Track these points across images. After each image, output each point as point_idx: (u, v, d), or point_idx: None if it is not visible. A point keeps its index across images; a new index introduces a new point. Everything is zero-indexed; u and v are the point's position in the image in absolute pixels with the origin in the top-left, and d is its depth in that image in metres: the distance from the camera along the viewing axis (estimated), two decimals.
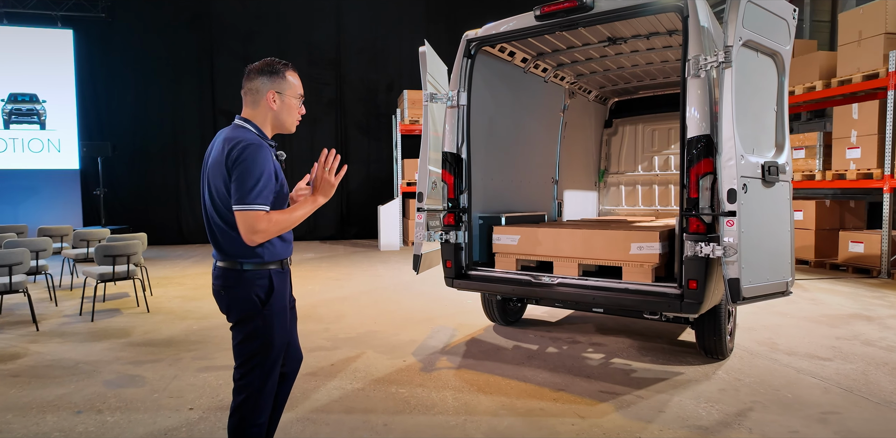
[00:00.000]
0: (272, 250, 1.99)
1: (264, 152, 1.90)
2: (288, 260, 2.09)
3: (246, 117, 2.04)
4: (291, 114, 2.09)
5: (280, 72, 2.03)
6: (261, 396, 2.00)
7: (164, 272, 8.08)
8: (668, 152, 6.39)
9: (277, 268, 2.02)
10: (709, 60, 2.99)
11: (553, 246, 3.86)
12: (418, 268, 4.01)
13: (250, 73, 2.03)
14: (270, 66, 2.02)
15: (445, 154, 4.10)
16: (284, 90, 2.04)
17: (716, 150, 3.02)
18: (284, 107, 2.05)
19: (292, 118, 2.10)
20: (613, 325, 4.79)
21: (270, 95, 2.02)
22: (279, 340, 2.02)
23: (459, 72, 4.05)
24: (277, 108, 2.04)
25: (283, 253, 2.03)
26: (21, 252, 4.74)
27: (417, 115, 10.94)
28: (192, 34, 11.62)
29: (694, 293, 3.09)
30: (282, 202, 2.02)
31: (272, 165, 1.93)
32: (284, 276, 2.06)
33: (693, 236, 3.07)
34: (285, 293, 2.05)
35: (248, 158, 1.86)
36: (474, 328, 4.74)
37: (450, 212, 4.09)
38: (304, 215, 1.98)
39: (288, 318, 2.07)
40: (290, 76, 2.06)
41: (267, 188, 1.89)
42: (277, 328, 2.01)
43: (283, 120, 2.08)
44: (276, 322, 2.00)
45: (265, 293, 1.98)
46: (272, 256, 2.00)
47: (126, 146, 11.30)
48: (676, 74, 5.67)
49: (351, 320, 5.11)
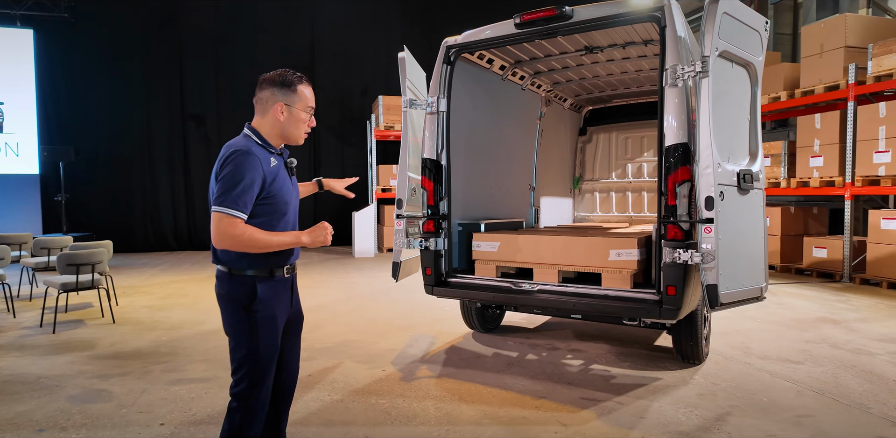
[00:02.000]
0: (253, 257, 1.96)
1: (252, 160, 1.89)
2: (283, 270, 2.04)
3: (254, 126, 2.06)
4: (299, 127, 2.08)
5: (292, 84, 2.02)
6: (248, 406, 1.98)
7: (130, 281, 7.81)
8: (641, 160, 6.50)
9: (264, 276, 1.99)
10: (686, 70, 3.04)
11: (533, 253, 3.86)
12: (397, 276, 3.96)
13: (262, 82, 2.04)
14: (282, 77, 2.02)
15: (425, 161, 4.07)
16: (294, 103, 2.04)
17: (693, 158, 3.07)
18: (292, 119, 2.05)
19: (300, 131, 2.09)
20: (591, 331, 4.82)
21: (279, 106, 2.02)
22: (266, 349, 1.98)
23: (439, 78, 4.04)
24: (285, 119, 2.04)
25: (268, 262, 1.99)
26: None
27: (392, 120, 10.90)
28: (161, 36, 11.35)
29: (672, 299, 3.12)
30: (275, 210, 1.99)
31: (260, 173, 1.91)
32: (276, 285, 2.01)
33: (671, 242, 3.11)
34: (275, 303, 2.01)
35: (234, 163, 1.87)
36: (453, 335, 4.71)
37: (429, 219, 4.06)
38: (281, 244, 1.94)
39: (278, 328, 2.03)
40: (302, 89, 2.05)
41: (247, 195, 1.88)
42: (263, 338, 1.97)
43: (289, 132, 2.07)
44: (262, 331, 1.97)
45: (248, 299, 1.96)
46: (253, 263, 1.97)
47: (89, 151, 10.92)
48: (650, 83, 5.79)
49: (327, 329, 5.01)
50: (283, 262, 2.03)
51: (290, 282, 2.11)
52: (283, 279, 2.04)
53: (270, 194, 1.96)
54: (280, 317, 2.03)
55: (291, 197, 2.09)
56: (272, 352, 2.00)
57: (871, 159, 6.73)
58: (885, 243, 6.68)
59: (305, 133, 2.12)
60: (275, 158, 2.03)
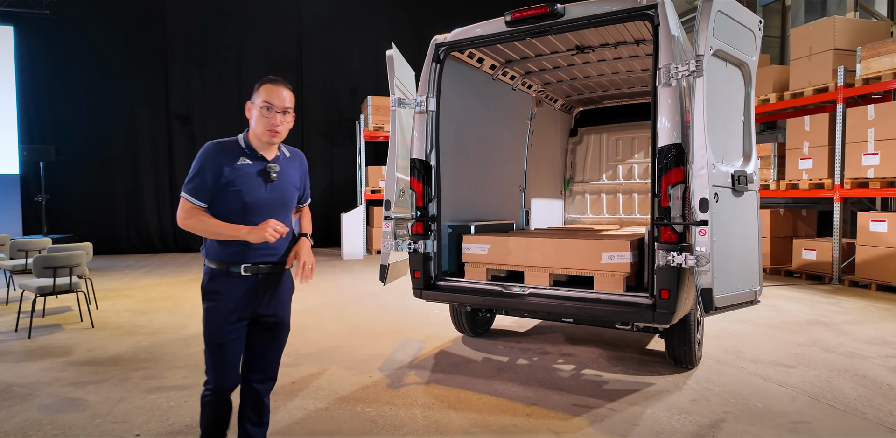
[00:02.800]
0: (211, 249, 2.13)
1: (210, 152, 2.09)
2: (241, 268, 2.10)
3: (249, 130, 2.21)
4: (260, 123, 2.13)
5: (259, 84, 2.16)
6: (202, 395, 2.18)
7: (112, 284, 7.63)
8: (631, 161, 6.45)
9: (219, 268, 2.11)
10: (680, 69, 2.98)
11: (524, 255, 3.78)
12: (385, 279, 3.86)
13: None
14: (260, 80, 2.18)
15: (414, 161, 3.98)
16: (255, 100, 2.14)
17: (687, 159, 3.01)
18: (255, 116, 2.14)
19: (261, 128, 2.13)
20: (583, 334, 4.75)
21: (247, 105, 2.19)
22: (211, 337, 2.11)
23: (428, 77, 3.95)
24: (251, 117, 2.16)
25: (223, 256, 2.10)
26: None
27: (382, 121, 10.79)
28: (145, 34, 11.15)
29: (666, 303, 3.06)
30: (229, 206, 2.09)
31: (216, 166, 2.06)
32: (230, 280, 2.11)
33: (665, 245, 3.04)
34: (225, 297, 2.10)
35: (197, 154, 2.11)
36: (442, 339, 4.61)
37: (418, 221, 3.96)
38: (221, 233, 2.05)
39: (224, 322, 2.10)
40: (267, 86, 2.13)
41: (196, 181, 2.05)
42: (206, 326, 2.13)
43: (256, 129, 2.15)
44: (206, 320, 2.13)
45: (203, 287, 2.15)
46: (211, 255, 2.13)
47: (71, 151, 10.69)
48: (641, 84, 5.75)
49: (313, 333, 4.90)
50: (240, 259, 2.10)
51: (254, 282, 2.13)
52: (239, 275, 2.11)
53: (226, 190, 2.07)
54: (229, 312, 2.09)
55: (256, 200, 2.11)
56: (215, 343, 2.10)
57: (859, 162, 6.74)
58: (874, 245, 6.69)
59: (273, 131, 2.12)
60: (247, 159, 2.13)
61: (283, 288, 2.24)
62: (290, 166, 2.25)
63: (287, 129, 2.17)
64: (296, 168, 2.29)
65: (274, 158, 2.19)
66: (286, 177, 2.21)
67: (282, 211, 2.19)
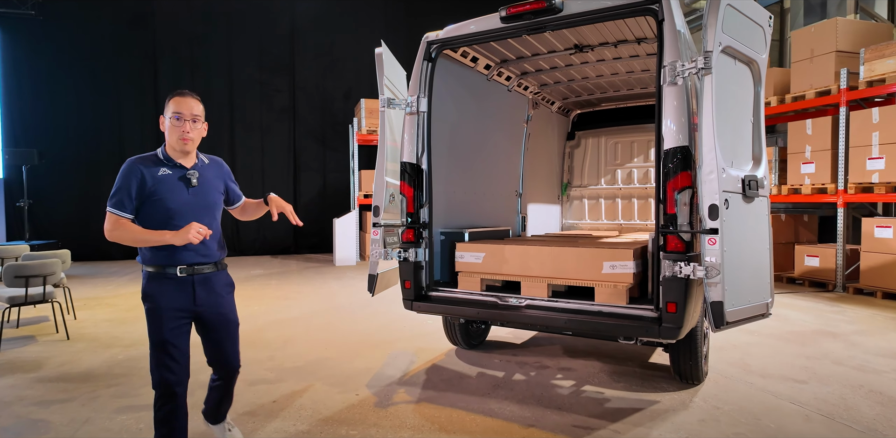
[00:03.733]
0: (145, 254, 2.28)
1: (130, 168, 2.24)
2: (176, 270, 2.27)
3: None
4: (172, 132, 2.28)
5: (169, 98, 2.30)
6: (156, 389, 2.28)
7: (93, 292, 7.37)
8: (631, 166, 6.27)
9: (154, 271, 2.27)
10: (686, 67, 2.79)
11: (520, 264, 3.57)
12: (374, 289, 3.65)
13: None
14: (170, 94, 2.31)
15: (404, 165, 3.77)
16: (166, 113, 2.29)
17: (694, 162, 2.82)
18: (168, 128, 2.29)
19: (174, 137, 2.28)
20: (582, 347, 4.53)
21: (161, 119, 2.33)
22: (153, 336, 2.24)
23: (419, 76, 3.75)
24: (165, 130, 2.31)
25: (156, 260, 2.26)
26: None
27: (375, 124, 10.58)
28: (134, 35, 10.92)
29: (673, 316, 2.85)
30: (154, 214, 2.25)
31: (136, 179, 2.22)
32: (165, 282, 2.26)
33: (671, 255, 2.84)
34: (161, 298, 2.25)
35: (120, 170, 2.24)
36: (435, 352, 4.39)
37: (409, 227, 3.75)
38: (147, 240, 2.19)
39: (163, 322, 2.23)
40: (174, 99, 2.28)
41: (119, 195, 2.21)
42: (149, 326, 2.25)
43: (169, 139, 2.31)
44: (149, 320, 2.26)
45: (143, 291, 2.30)
46: (146, 260, 2.29)
47: (57, 154, 10.44)
48: (640, 85, 5.57)
49: (299, 345, 4.67)
50: (174, 261, 2.26)
51: (190, 282, 2.30)
52: (175, 276, 2.27)
53: (150, 199, 2.23)
54: (168, 312, 2.24)
55: (179, 205, 2.27)
56: (158, 341, 2.23)
57: (864, 166, 6.58)
58: (880, 251, 6.51)
59: (185, 139, 2.27)
60: (167, 169, 2.29)
61: (219, 286, 2.40)
62: (210, 172, 2.43)
63: (199, 136, 2.34)
64: (217, 173, 2.47)
65: (193, 165, 2.37)
66: (207, 182, 2.39)
67: (206, 213, 2.35)
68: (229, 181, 2.56)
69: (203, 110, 2.34)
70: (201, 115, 2.33)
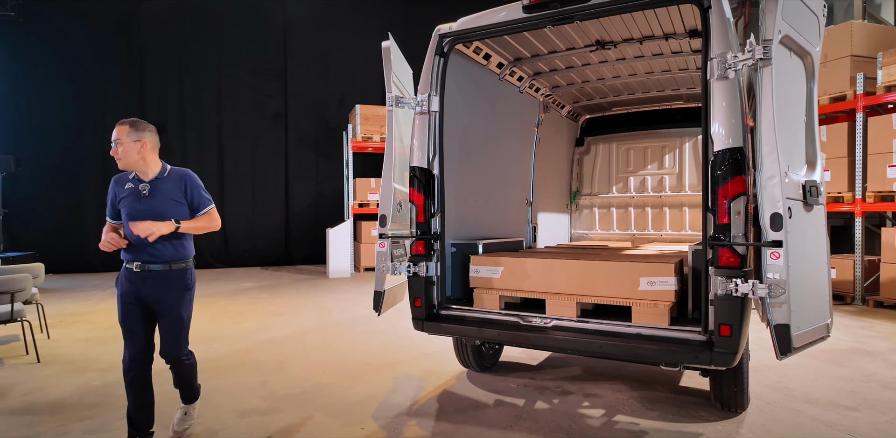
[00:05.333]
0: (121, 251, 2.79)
1: (110, 184, 2.85)
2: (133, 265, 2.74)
3: None
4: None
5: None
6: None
7: (71, 307, 6.89)
8: (644, 173, 5.96)
9: (124, 266, 2.78)
10: (740, 58, 2.47)
11: (544, 280, 3.21)
12: (380, 308, 3.27)
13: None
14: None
15: (413, 169, 3.41)
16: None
17: (749, 166, 2.49)
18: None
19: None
20: (603, 367, 4.17)
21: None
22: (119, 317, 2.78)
23: (431, 72, 3.41)
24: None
25: (123, 257, 2.78)
26: None
27: (371, 131, 10.25)
28: (119, 38, 10.51)
29: (727, 341, 2.50)
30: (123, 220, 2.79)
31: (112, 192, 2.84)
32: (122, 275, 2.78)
33: (724, 270, 2.50)
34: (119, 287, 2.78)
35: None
36: (444, 375, 4.00)
37: (419, 239, 3.39)
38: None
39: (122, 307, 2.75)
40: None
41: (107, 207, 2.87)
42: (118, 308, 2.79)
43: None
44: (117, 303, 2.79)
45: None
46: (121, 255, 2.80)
47: (37, 162, 9.96)
48: (657, 88, 5.28)
49: (295, 368, 4.25)
50: (130, 259, 2.75)
51: (142, 277, 2.73)
52: (129, 271, 2.75)
53: (119, 207, 2.79)
54: (124, 299, 2.74)
55: (132, 212, 2.73)
56: (120, 321, 2.76)
57: (883, 174, 6.33)
58: None
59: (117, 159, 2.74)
60: (131, 184, 2.79)
61: (167, 283, 2.76)
62: (166, 184, 2.79)
63: (125, 153, 2.72)
64: (174, 185, 2.80)
65: (151, 179, 2.79)
66: (161, 193, 2.77)
67: (156, 220, 2.69)
68: (193, 190, 2.84)
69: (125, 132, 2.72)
70: (121, 137, 2.72)
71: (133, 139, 2.72)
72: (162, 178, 2.79)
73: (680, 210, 5.78)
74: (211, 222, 2.87)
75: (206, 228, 2.86)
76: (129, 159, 2.72)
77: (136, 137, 2.73)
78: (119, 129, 2.72)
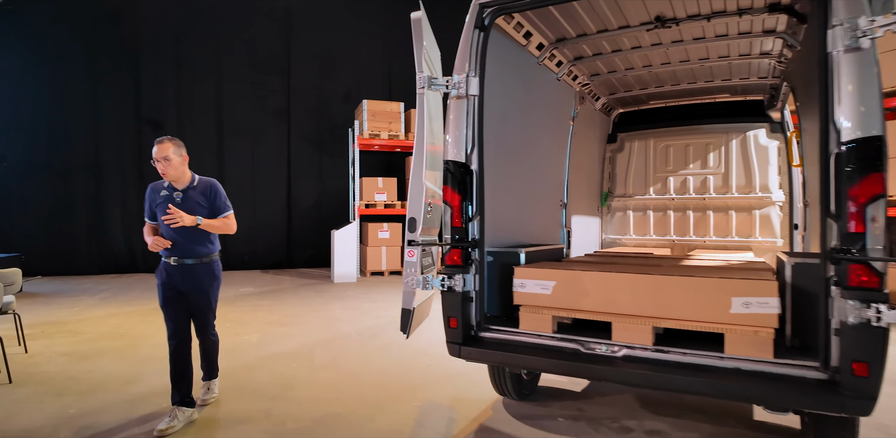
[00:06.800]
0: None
1: (147, 191, 3.34)
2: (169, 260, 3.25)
3: None
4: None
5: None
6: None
7: (57, 314, 6.33)
8: (685, 173, 5.41)
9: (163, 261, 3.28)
10: (882, 23, 1.94)
11: (607, 298, 2.67)
12: (409, 329, 2.73)
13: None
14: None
15: (448, 164, 2.88)
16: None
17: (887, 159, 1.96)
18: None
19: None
20: (657, 395, 3.62)
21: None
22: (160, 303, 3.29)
23: (469, 48, 2.88)
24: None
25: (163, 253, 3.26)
26: None
27: (378, 127, 9.72)
28: (114, 31, 9.96)
29: (864, 383, 1.98)
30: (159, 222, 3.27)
31: (148, 198, 3.32)
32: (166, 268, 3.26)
33: (858, 292, 1.98)
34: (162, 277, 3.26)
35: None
36: (477, 404, 3.45)
37: (454, 247, 2.85)
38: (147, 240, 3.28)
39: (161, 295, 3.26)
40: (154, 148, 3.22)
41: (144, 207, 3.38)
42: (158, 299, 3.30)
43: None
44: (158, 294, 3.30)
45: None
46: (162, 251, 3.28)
47: (22, 158, 9.40)
48: (705, 78, 4.74)
49: (302, 392, 3.71)
50: (164, 254, 3.26)
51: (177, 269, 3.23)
52: (168, 264, 3.25)
53: (155, 211, 3.27)
54: (164, 288, 3.25)
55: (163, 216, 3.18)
56: (162, 308, 3.26)
57: None
58: None
59: (163, 174, 3.19)
60: (166, 191, 3.26)
61: (198, 273, 3.25)
62: (195, 193, 3.26)
63: (172, 168, 3.15)
64: (200, 193, 3.27)
65: (183, 188, 3.25)
66: (190, 200, 3.23)
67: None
68: (214, 198, 3.32)
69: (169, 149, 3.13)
70: (167, 154, 3.12)
71: (178, 155, 3.18)
72: (192, 187, 3.28)
73: (725, 214, 5.24)
74: (227, 225, 3.35)
75: (223, 229, 3.34)
76: (176, 173, 3.18)
77: (179, 154, 3.19)
78: (162, 147, 3.13)
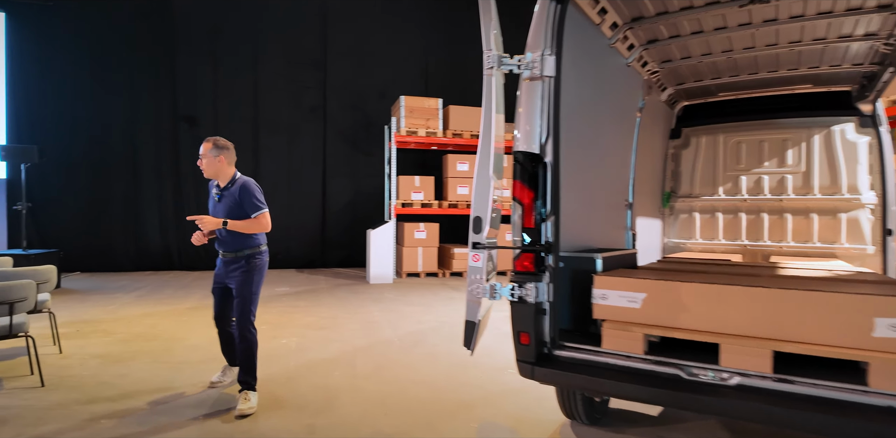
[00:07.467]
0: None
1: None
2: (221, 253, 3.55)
3: None
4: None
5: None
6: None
7: (91, 313, 6.21)
8: (760, 172, 4.92)
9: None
10: None
11: (712, 314, 2.27)
12: (473, 343, 2.39)
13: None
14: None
15: (518, 155, 2.52)
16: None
17: None
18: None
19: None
20: (744, 422, 3.18)
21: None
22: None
23: (545, 23, 2.52)
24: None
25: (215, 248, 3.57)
26: None
27: (416, 124, 9.41)
28: (151, 25, 9.89)
29: None
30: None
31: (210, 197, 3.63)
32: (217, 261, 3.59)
33: None
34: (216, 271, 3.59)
35: None
36: (541, 426, 3.09)
37: (526, 251, 2.49)
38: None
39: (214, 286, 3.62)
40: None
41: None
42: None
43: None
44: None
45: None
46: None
47: (64, 153, 9.41)
48: (789, 66, 4.25)
49: (347, 406, 3.40)
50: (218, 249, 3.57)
51: (221, 262, 3.56)
52: (219, 258, 3.57)
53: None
54: (215, 279, 3.60)
55: (212, 212, 3.58)
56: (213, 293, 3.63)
57: None
58: None
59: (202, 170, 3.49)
60: (215, 189, 3.56)
61: (235, 266, 3.47)
62: (232, 191, 3.48)
63: (208, 165, 3.45)
64: (238, 192, 3.46)
65: (224, 186, 3.51)
66: (228, 198, 3.49)
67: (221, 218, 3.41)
68: (245, 198, 3.43)
69: (208, 148, 3.44)
70: (205, 152, 3.43)
71: (213, 155, 3.42)
72: (230, 187, 3.49)
73: (806, 217, 4.73)
74: (256, 224, 3.45)
75: (251, 229, 3.44)
76: (210, 171, 3.45)
77: (216, 154, 3.42)
78: (205, 145, 3.43)
